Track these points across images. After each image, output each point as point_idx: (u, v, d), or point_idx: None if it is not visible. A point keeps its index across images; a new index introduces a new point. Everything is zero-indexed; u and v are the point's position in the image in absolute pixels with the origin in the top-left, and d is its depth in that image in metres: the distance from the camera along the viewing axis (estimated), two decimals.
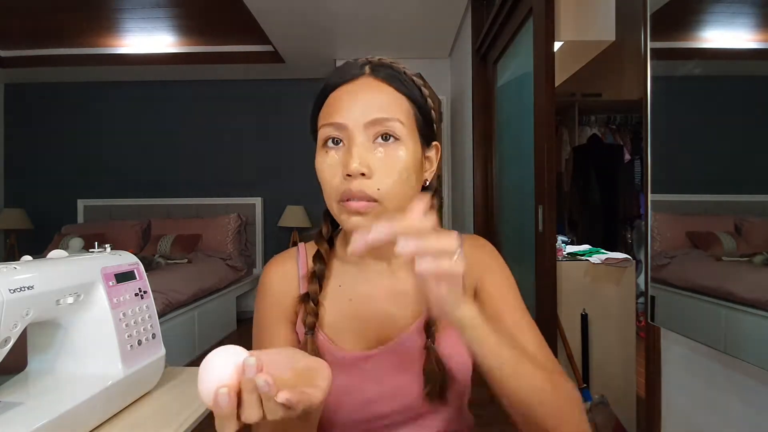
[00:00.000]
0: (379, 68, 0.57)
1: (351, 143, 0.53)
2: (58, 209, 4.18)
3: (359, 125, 0.53)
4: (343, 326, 0.61)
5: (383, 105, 0.54)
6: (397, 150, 0.54)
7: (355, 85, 0.55)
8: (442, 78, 3.61)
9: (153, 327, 0.81)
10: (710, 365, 0.86)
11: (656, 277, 0.91)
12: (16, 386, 0.67)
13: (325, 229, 0.65)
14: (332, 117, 0.54)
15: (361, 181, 0.52)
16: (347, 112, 0.54)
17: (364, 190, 0.52)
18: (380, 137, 0.54)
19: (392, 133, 0.54)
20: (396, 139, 0.54)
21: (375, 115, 0.53)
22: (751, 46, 0.72)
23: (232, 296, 3.70)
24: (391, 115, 0.54)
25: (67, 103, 4.24)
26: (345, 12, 2.85)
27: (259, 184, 4.26)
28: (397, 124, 0.54)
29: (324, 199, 0.57)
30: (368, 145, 0.53)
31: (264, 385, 0.36)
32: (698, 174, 0.85)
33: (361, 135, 0.53)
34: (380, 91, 0.55)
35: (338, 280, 0.63)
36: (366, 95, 0.54)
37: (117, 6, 3.03)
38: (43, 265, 0.65)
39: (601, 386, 1.84)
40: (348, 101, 0.54)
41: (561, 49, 1.98)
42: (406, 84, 0.57)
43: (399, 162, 0.53)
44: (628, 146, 3.39)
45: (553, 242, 1.58)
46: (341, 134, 0.54)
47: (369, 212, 0.53)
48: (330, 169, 0.54)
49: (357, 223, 0.53)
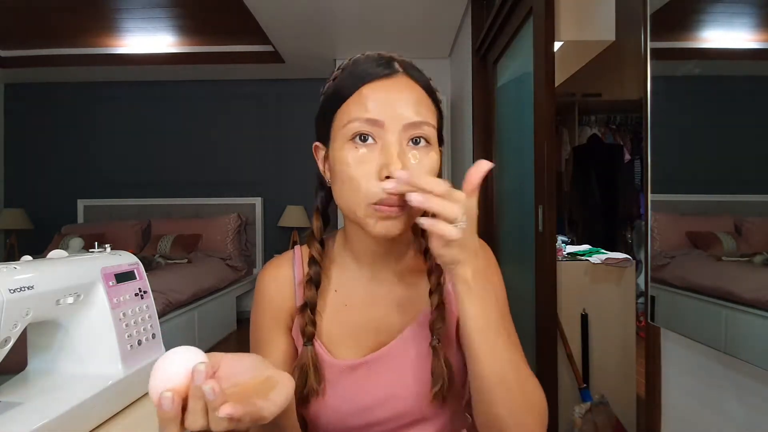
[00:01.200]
0: (411, 69, 0.56)
1: (387, 143, 0.51)
2: (58, 209, 4.18)
3: (398, 125, 0.51)
4: (338, 333, 0.60)
5: (420, 108, 0.53)
6: (429, 154, 0.53)
7: (391, 83, 0.53)
8: (442, 78, 3.61)
9: (153, 327, 0.81)
10: (710, 365, 0.86)
11: (656, 277, 0.91)
12: (16, 386, 0.67)
13: (316, 229, 0.63)
14: (368, 112, 0.51)
15: None
16: (385, 109, 0.51)
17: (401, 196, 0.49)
18: (412, 140, 0.52)
19: (426, 137, 0.53)
20: (427, 144, 0.53)
21: (414, 118, 0.51)
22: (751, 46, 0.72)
23: (232, 296, 3.70)
24: (426, 119, 0.53)
25: (67, 103, 4.24)
26: (345, 12, 2.85)
27: (259, 184, 4.26)
28: (430, 129, 0.53)
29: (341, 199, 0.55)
30: (405, 148, 0.52)
31: (210, 392, 0.34)
32: (698, 174, 0.85)
33: (397, 135, 0.51)
34: (416, 93, 0.54)
35: (334, 285, 0.63)
36: (404, 95, 0.52)
37: (117, 6, 3.03)
38: (43, 265, 0.65)
39: (601, 386, 1.84)
40: (386, 98, 0.52)
41: (561, 49, 1.98)
42: (433, 90, 0.57)
43: (430, 167, 0.53)
44: (628, 146, 3.39)
45: (553, 242, 1.58)
46: (374, 131, 0.51)
47: (400, 217, 0.51)
48: (362, 167, 0.51)
49: (387, 228, 0.51)
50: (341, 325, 0.61)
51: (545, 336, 1.63)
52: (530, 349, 1.74)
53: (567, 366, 1.81)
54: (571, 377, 1.82)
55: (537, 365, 1.69)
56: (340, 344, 0.60)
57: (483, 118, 2.58)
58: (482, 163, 0.47)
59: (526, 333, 1.77)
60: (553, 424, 1.66)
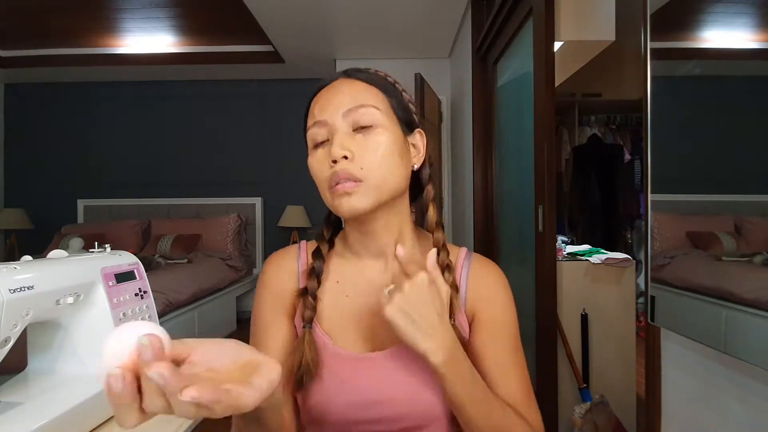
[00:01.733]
0: (351, 71, 0.62)
1: (333, 134, 0.57)
2: (58, 209, 4.18)
3: (338, 117, 0.57)
4: (340, 322, 0.62)
5: (357, 95, 0.58)
6: (377, 133, 0.57)
7: (330, 87, 0.61)
8: (442, 78, 3.61)
9: None
10: (710, 365, 0.86)
11: (656, 277, 0.91)
12: (16, 386, 0.67)
13: (326, 232, 0.67)
14: (314, 117, 0.59)
15: (344, 164, 0.55)
16: (325, 109, 0.58)
17: (347, 169, 0.55)
18: (359, 127, 0.57)
19: (370, 119, 0.57)
20: (373, 126, 0.57)
21: (350, 105, 0.57)
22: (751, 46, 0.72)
23: (232, 296, 3.70)
24: (365, 102, 0.58)
25: (67, 103, 4.24)
26: (345, 12, 2.85)
27: (259, 184, 4.26)
28: (372, 109, 0.58)
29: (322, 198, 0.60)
30: (349, 132, 0.57)
31: (157, 377, 0.30)
32: (698, 174, 0.85)
33: (340, 125, 0.57)
34: (352, 86, 0.60)
35: (336, 276, 0.65)
36: (340, 90, 0.59)
37: (117, 6, 3.03)
38: (43, 265, 0.65)
39: (601, 386, 1.84)
40: (325, 100, 0.59)
41: (561, 49, 1.98)
42: (378, 80, 0.61)
43: (379, 144, 0.57)
44: (628, 146, 3.39)
45: (553, 242, 1.58)
46: (324, 131, 0.58)
47: (356, 191, 0.55)
48: (319, 163, 0.58)
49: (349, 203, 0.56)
50: (343, 314, 0.62)
51: (545, 336, 1.63)
52: (530, 349, 1.74)
53: (567, 366, 1.81)
54: (571, 377, 1.82)
55: (537, 365, 1.69)
56: (341, 334, 0.61)
57: (483, 118, 2.58)
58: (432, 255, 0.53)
59: (526, 333, 1.77)
60: (553, 424, 1.66)
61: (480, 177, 2.61)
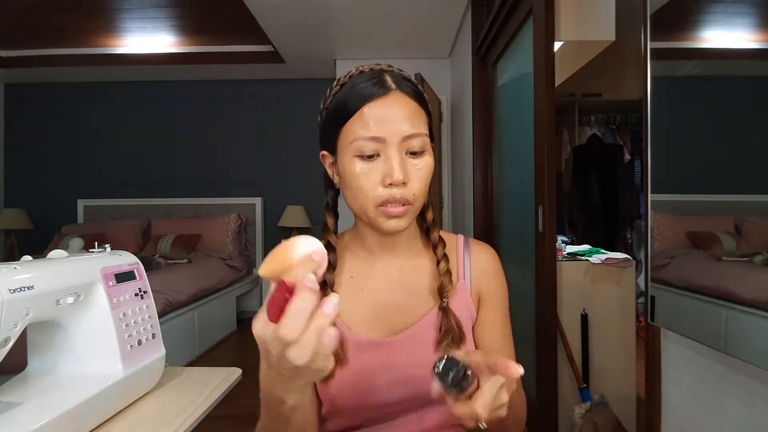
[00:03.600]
0: (403, 83, 0.62)
1: (389, 155, 0.59)
2: (58, 209, 4.18)
3: (397, 139, 0.59)
4: (357, 313, 0.65)
5: (414, 121, 0.60)
6: (425, 161, 0.61)
7: (388, 101, 0.60)
8: (442, 78, 3.61)
9: (153, 327, 0.81)
10: (710, 365, 0.86)
11: (656, 277, 0.91)
12: (16, 386, 0.67)
13: (330, 222, 0.68)
14: (371, 131, 0.59)
15: (400, 189, 0.59)
16: (384, 127, 0.59)
17: (404, 195, 0.59)
18: (410, 151, 0.60)
19: (420, 146, 0.61)
20: (423, 152, 0.61)
21: (410, 131, 0.59)
22: (751, 46, 0.72)
23: (232, 296, 3.70)
24: (420, 130, 0.60)
25: (67, 103, 4.24)
26: (345, 12, 2.85)
27: (259, 184, 4.26)
28: (425, 138, 0.61)
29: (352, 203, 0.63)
30: (404, 157, 0.60)
31: (329, 340, 0.38)
32: (698, 174, 0.85)
33: (396, 147, 0.59)
34: (410, 108, 0.61)
35: (350, 272, 0.68)
36: (399, 111, 0.60)
37: (117, 6, 3.03)
38: (43, 265, 0.65)
39: (601, 386, 1.84)
40: (384, 116, 0.59)
41: (561, 49, 1.97)
42: (423, 99, 0.64)
43: (427, 171, 0.61)
44: (628, 146, 3.39)
45: (553, 242, 1.58)
46: (378, 147, 0.59)
47: (405, 215, 0.60)
48: (368, 177, 0.59)
49: (396, 225, 0.60)
50: (360, 306, 0.65)
51: (545, 336, 1.63)
52: (530, 349, 1.74)
53: (567, 366, 1.81)
54: (571, 377, 1.82)
55: (537, 365, 1.69)
56: (358, 324, 0.64)
57: (483, 118, 2.58)
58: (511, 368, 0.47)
59: (526, 333, 1.77)
60: (553, 424, 1.65)
61: (480, 177, 2.61)
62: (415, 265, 0.69)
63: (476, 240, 0.74)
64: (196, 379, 0.87)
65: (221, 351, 3.28)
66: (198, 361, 3.00)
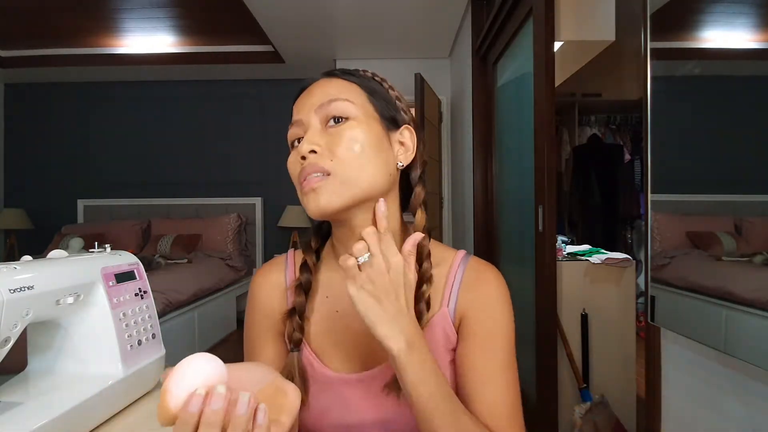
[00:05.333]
0: (332, 71, 0.60)
1: (306, 132, 0.55)
2: (58, 209, 4.18)
3: (309, 114, 0.55)
4: (329, 341, 0.59)
5: (330, 91, 0.56)
6: (349, 126, 0.54)
7: (310, 88, 0.59)
8: (442, 78, 3.61)
9: (153, 327, 0.81)
10: (710, 365, 0.86)
11: (656, 277, 0.91)
12: (16, 386, 0.67)
13: (314, 242, 0.63)
14: (292, 118, 0.58)
15: (312, 158, 0.53)
16: (301, 109, 0.57)
17: (315, 163, 0.52)
18: (332, 120, 0.55)
19: (342, 112, 0.54)
20: (347, 119, 0.55)
21: (322, 100, 0.55)
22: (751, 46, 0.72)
23: (232, 296, 3.70)
24: (336, 96, 0.55)
25: (67, 103, 4.24)
26: (345, 12, 2.85)
27: (259, 184, 4.26)
28: (344, 103, 0.55)
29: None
30: (319, 128, 0.55)
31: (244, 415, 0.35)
32: (698, 174, 0.85)
33: (313, 121, 0.55)
34: (329, 83, 0.57)
35: (325, 291, 0.61)
36: (316, 90, 0.57)
37: (117, 6, 3.03)
38: (43, 265, 0.65)
39: (601, 386, 1.84)
40: (302, 100, 0.58)
41: (561, 49, 1.97)
42: (357, 75, 0.59)
43: (351, 137, 0.53)
44: (628, 146, 3.39)
45: (553, 242, 1.58)
46: (300, 130, 0.56)
47: (323, 186, 0.52)
48: (292, 163, 0.56)
49: (313, 200, 0.52)
50: (332, 333, 0.59)
51: (545, 336, 1.63)
52: (530, 349, 1.74)
53: (567, 366, 1.81)
54: (571, 377, 1.82)
55: (537, 365, 1.69)
56: (331, 353, 0.59)
57: (483, 118, 2.58)
58: (415, 235, 0.51)
59: (526, 333, 1.77)
60: (553, 424, 1.65)
61: (480, 177, 2.61)
62: None
63: (479, 260, 0.62)
64: None
65: (221, 351, 3.28)
66: None
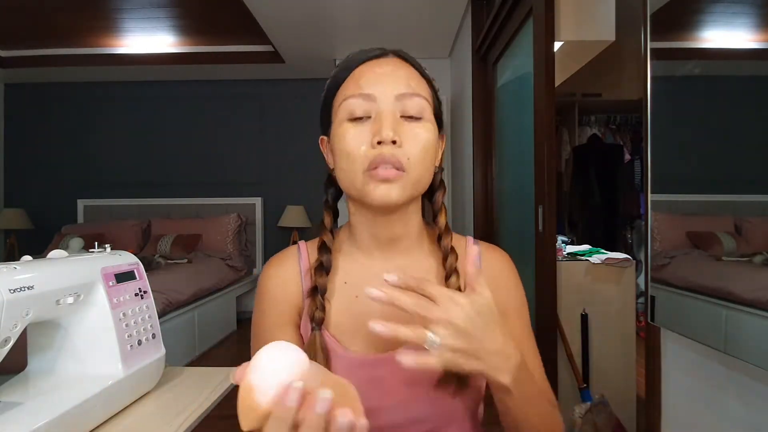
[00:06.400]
0: (403, 53, 0.58)
1: (380, 114, 0.52)
2: (58, 209, 4.18)
3: (390, 97, 0.53)
4: (349, 326, 0.58)
5: (411, 82, 0.55)
6: (423, 127, 0.54)
7: (382, 62, 0.56)
8: (442, 78, 3.60)
9: (153, 327, 0.81)
10: (710, 365, 0.86)
11: (656, 277, 0.91)
12: (16, 386, 0.67)
13: (327, 220, 0.62)
14: (361, 88, 0.53)
15: (392, 149, 0.51)
16: (377, 84, 0.53)
17: (396, 155, 0.51)
18: (407, 116, 0.54)
19: (420, 111, 0.54)
20: (421, 118, 0.54)
21: (405, 90, 0.53)
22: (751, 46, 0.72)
23: (232, 296, 3.70)
24: (418, 91, 0.54)
25: (66, 103, 4.24)
26: (345, 12, 2.85)
27: (259, 184, 4.26)
28: (423, 101, 0.54)
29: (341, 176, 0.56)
30: (398, 118, 0.53)
31: (346, 423, 0.34)
32: (698, 174, 0.85)
33: (390, 107, 0.53)
34: (408, 69, 0.56)
35: (344, 277, 0.60)
36: (395, 71, 0.55)
37: (117, 6, 3.03)
38: (43, 265, 0.65)
39: (601, 386, 1.84)
40: (377, 74, 0.54)
41: (561, 49, 1.97)
42: (425, 71, 0.59)
43: (426, 139, 0.54)
44: (628, 146, 3.39)
45: (553, 242, 1.58)
46: (369, 106, 0.53)
47: (397, 181, 0.52)
48: (356, 138, 0.53)
49: (386, 192, 0.52)
50: (352, 317, 0.58)
51: (545, 336, 1.63)
52: None
53: (567, 366, 1.81)
54: (571, 377, 1.82)
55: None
56: (351, 337, 0.57)
57: (483, 118, 2.58)
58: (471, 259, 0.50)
59: None
60: None
61: (480, 177, 2.61)
62: (419, 268, 0.60)
63: (487, 243, 0.65)
64: (196, 379, 0.87)
65: (221, 351, 3.28)
66: (198, 361, 3.00)
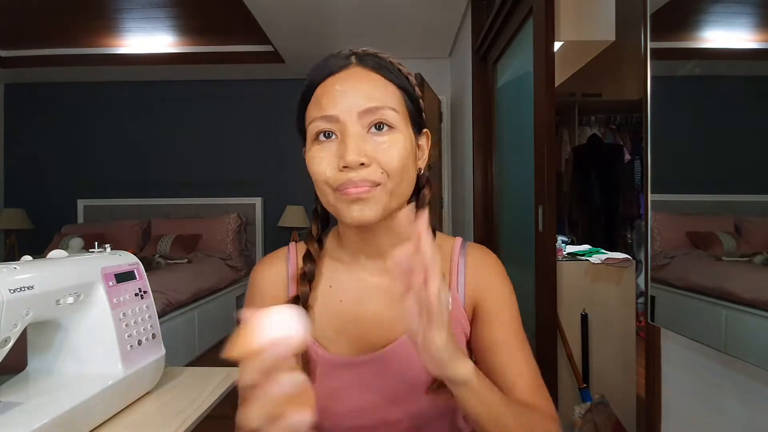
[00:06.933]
0: (366, 58, 0.55)
1: (345, 135, 0.51)
2: (58, 209, 4.18)
3: (352, 116, 0.51)
4: (333, 330, 0.59)
5: (374, 94, 0.52)
6: (393, 137, 0.52)
7: (343, 76, 0.53)
8: (442, 78, 3.61)
9: (153, 327, 0.81)
10: (710, 365, 0.86)
11: (656, 277, 0.91)
12: (16, 386, 0.67)
13: (314, 229, 0.63)
14: (323, 110, 0.52)
15: (360, 172, 0.50)
16: (338, 104, 0.51)
17: (366, 177, 0.50)
18: (374, 127, 0.52)
19: (386, 121, 0.52)
20: (390, 128, 0.52)
21: (368, 105, 0.51)
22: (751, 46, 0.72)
23: (232, 296, 3.70)
24: (383, 103, 0.52)
25: (67, 103, 4.24)
26: (345, 12, 2.85)
27: (259, 184, 4.26)
28: (390, 112, 0.52)
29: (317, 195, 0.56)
30: (363, 135, 0.51)
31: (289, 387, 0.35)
32: (698, 174, 0.85)
33: (355, 125, 0.51)
34: (370, 80, 0.53)
35: (328, 281, 0.61)
36: (356, 85, 0.52)
37: (117, 6, 3.03)
38: (43, 265, 0.65)
39: (601, 386, 1.84)
40: (338, 92, 0.52)
41: (561, 49, 1.97)
42: (394, 72, 0.56)
43: (395, 148, 0.52)
44: (628, 146, 3.39)
45: (553, 242, 1.58)
46: (333, 127, 0.52)
47: (370, 198, 0.51)
48: (323, 160, 0.52)
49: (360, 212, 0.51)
50: (336, 322, 0.59)
51: (545, 336, 1.63)
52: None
53: (567, 366, 1.81)
54: (571, 377, 1.82)
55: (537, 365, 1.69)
56: (334, 340, 0.58)
57: (483, 118, 2.58)
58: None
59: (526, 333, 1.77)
60: None
61: (480, 177, 2.61)
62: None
63: (475, 244, 0.65)
64: (196, 379, 0.87)
65: (221, 351, 3.27)
66: (198, 361, 3.00)
